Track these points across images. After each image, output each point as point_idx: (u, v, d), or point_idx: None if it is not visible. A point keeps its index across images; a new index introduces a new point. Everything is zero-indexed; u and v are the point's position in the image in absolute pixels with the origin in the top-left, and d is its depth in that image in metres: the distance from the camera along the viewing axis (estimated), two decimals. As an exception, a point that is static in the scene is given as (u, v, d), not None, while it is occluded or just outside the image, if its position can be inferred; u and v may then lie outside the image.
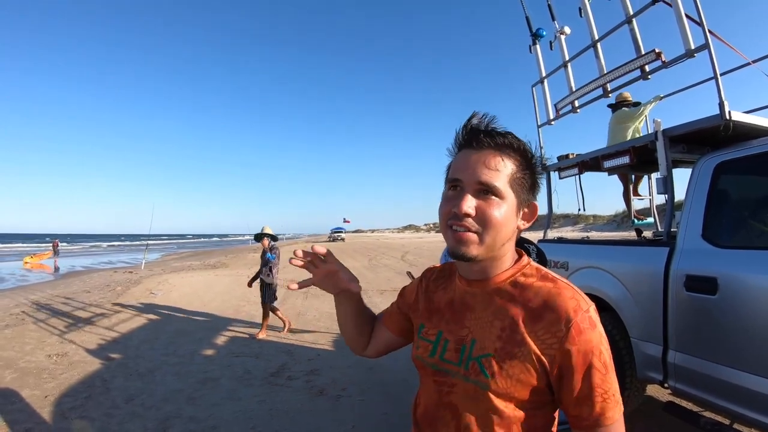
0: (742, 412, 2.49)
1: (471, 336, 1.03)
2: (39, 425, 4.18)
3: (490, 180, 0.96)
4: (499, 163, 0.98)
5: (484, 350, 0.99)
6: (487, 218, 0.96)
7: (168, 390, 5.04)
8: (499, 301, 1.02)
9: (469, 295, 1.08)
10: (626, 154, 3.84)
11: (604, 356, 0.93)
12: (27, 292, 13.23)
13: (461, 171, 0.99)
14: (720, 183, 2.96)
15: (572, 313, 0.93)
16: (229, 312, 9.83)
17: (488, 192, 0.97)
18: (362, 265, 21.19)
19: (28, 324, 8.56)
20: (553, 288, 0.99)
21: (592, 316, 0.95)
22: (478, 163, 0.98)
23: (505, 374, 0.95)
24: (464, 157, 1.01)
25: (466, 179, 0.98)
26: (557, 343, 0.93)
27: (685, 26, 3.45)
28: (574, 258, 4.04)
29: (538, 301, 0.98)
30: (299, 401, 4.63)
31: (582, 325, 0.93)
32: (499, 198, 0.97)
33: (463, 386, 1.01)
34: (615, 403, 0.93)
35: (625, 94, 6.23)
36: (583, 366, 0.92)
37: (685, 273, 2.86)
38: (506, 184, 0.98)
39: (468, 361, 1.00)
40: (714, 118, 3.04)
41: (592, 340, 0.92)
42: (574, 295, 0.97)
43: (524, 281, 1.03)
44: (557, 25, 5.38)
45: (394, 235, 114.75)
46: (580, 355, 0.92)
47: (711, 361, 2.67)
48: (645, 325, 3.16)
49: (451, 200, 1.00)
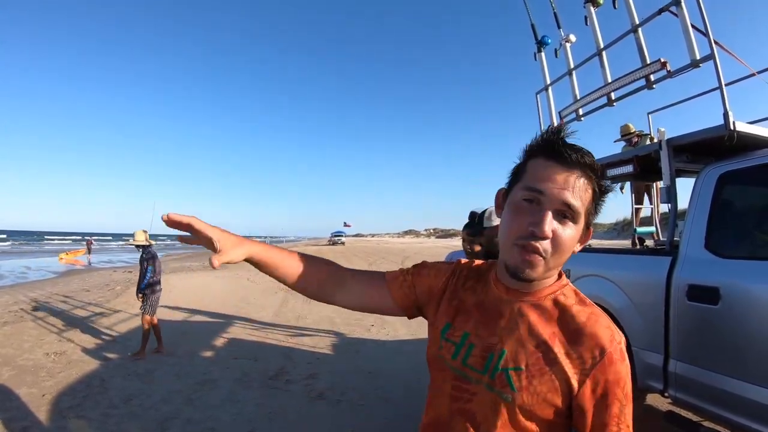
0: (742, 423, 2.48)
1: (501, 345, 0.99)
2: (36, 424, 4.18)
3: (574, 203, 0.92)
4: (584, 185, 0.94)
5: (516, 363, 0.96)
6: (560, 243, 0.93)
7: (166, 391, 5.03)
8: (536, 316, 1.00)
9: (504, 303, 1.04)
10: (630, 163, 3.83)
11: (627, 389, 0.93)
12: (26, 290, 13.24)
13: (545, 183, 0.93)
14: (723, 193, 2.95)
15: (608, 343, 0.93)
16: (228, 313, 9.83)
17: (567, 215, 0.93)
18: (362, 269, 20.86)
19: (27, 321, 8.57)
20: (591, 315, 0.97)
21: (623, 348, 0.95)
22: (567, 182, 0.92)
23: (532, 390, 0.93)
24: (550, 169, 0.94)
25: (552, 196, 0.92)
26: (589, 369, 0.92)
27: (690, 36, 3.46)
28: (575, 266, 4.03)
29: (576, 325, 0.96)
30: (298, 405, 4.62)
31: (615, 356, 0.92)
32: (575, 223, 0.94)
33: (485, 395, 0.98)
34: None
35: (629, 126, 6.31)
36: (608, 396, 0.91)
37: (687, 282, 2.85)
38: (583, 208, 0.94)
39: (495, 371, 0.97)
40: (718, 128, 3.03)
41: (621, 372, 0.92)
42: (609, 325, 0.96)
43: (564, 301, 1.00)
44: (562, 32, 5.39)
45: (394, 239, 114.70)
46: (608, 384, 0.91)
47: (712, 370, 2.66)
48: (646, 334, 3.15)
49: (527, 215, 0.94)
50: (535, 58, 5.59)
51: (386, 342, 7.36)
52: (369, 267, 22.51)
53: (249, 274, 18.27)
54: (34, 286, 14.65)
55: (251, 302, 11.23)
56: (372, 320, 9.01)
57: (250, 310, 10.13)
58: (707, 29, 3.20)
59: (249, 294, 12.63)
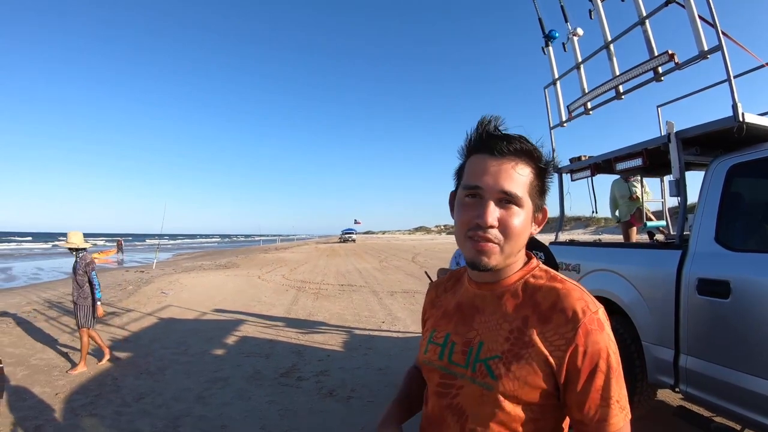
0: (754, 418, 2.46)
1: (479, 338, 1.02)
2: (49, 422, 4.23)
3: (512, 189, 0.95)
4: (520, 171, 0.97)
5: (492, 352, 0.98)
6: (509, 229, 0.95)
7: (178, 389, 5.07)
8: (508, 304, 1.02)
9: (478, 298, 1.08)
10: (639, 156, 3.81)
11: (612, 359, 0.92)
12: (39, 290, 13.39)
13: (481, 177, 0.97)
14: (733, 186, 2.93)
15: (581, 314, 0.93)
16: (240, 311, 9.88)
17: (510, 201, 0.96)
18: (373, 266, 21.23)
19: (40, 322, 8.66)
20: (562, 289, 0.98)
21: (601, 318, 0.94)
22: (500, 171, 0.96)
23: (513, 376, 0.94)
24: (482, 163, 0.98)
25: (488, 187, 0.96)
26: (565, 344, 0.92)
27: (698, 27, 3.42)
28: (585, 261, 4.02)
29: (547, 303, 0.97)
30: (309, 402, 4.63)
31: (590, 327, 0.92)
32: (519, 207, 0.97)
33: (470, 388, 0.99)
34: (620, 409, 0.92)
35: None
36: (588, 368, 0.91)
37: (697, 276, 2.83)
38: (525, 192, 0.97)
39: (475, 363, 1.00)
40: (727, 120, 3.00)
41: (600, 342, 0.92)
42: (582, 296, 0.97)
43: (534, 282, 1.03)
44: (570, 26, 5.35)
45: (404, 236, 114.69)
46: (587, 357, 0.91)
47: (723, 365, 2.64)
48: (656, 328, 3.14)
49: (471, 209, 0.98)
50: (543, 53, 5.56)
51: (397, 339, 7.36)
52: (380, 264, 22.57)
53: (260, 272, 18.36)
54: (47, 286, 14.80)
55: (262, 300, 11.27)
56: (382, 317, 9.03)
57: (262, 308, 10.16)
58: (715, 20, 3.17)
59: (260, 292, 12.67)
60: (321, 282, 15.39)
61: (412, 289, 12.99)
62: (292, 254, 32.77)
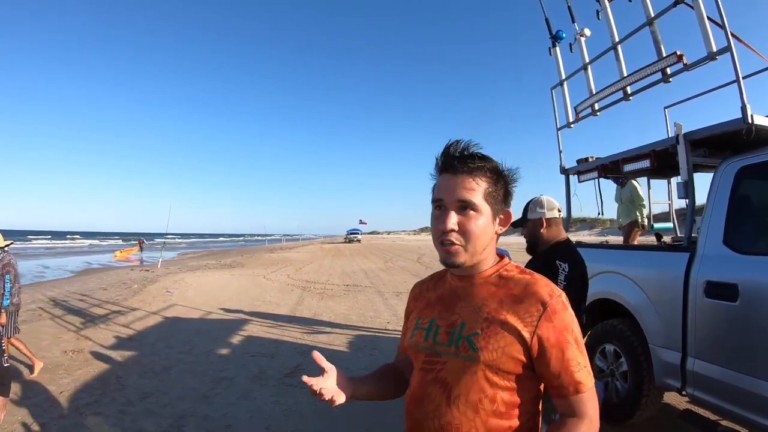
0: (761, 422, 2.45)
1: (461, 320, 1.19)
2: (54, 420, 4.24)
3: (467, 197, 1.14)
4: (474, 183, 1.16)
5: (473, 329, 1.15)
6: (468, 231, 1.14)
7: (183, 388, 5.08)
8: (485, 291, 1.20)
9: (459, 289, 1.26)
10: (647, 157, 3.79)
11: (575, 333, 1.13)
12: (44, 289, 13.41)
13: (443, 192, 1.18)
14: (742, 188, 2.91)
15: (548, 297, 1.12)
16: (245, 311, 9.89)
17: (467, 208, 1.15)
18: (378, 267, 21.27)
19: (45, 320, 8.69)
20: (531, 279, 1.19)
21: (564, 300, 1.14)
22: (456, 186, 1.16)
23: (492, 348, 1.10)
24: (444, 181, 1.19)
25: (448, 199, 1.16)
26: (536, 320, 1.10)
27: (706, 28, 3.40)
28: (592, 263, 3.98)
29: (518, 289, 1.17)
30: (313, 402, 4.61)
31: (557, 307, 1.11)
32: (476, 212, 1.15)
33: (454, 362, 1.15)
34: (588, 373, 1.12)
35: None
36: (558, 341, 1.09)
37: (705, 279, 2.81)
38: (482, 199, 1.16)
39: (458, 341, 1.16)
40: (736, 121, 2.99)
41: (565, 319, 1.11)
42: (548, 284, 1.17)
43: (507, 274, 1.22)
44: (577, 27, 5.34)
45: (410, 237, 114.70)
46: (556, 331, 1.10)
47: (731, 369, 2.63)
48: (664, 331, 3.12)
49: (437, 219, 1.18)
50: (549, 53, 5.54)
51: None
52: (385, 264, 22.56)
53: (265, 272, 18.39)
54: (52, 284, 14.83)
55: (267, 300, 11.28)
56: (388, 317, 9.03)
57: (267, 308, 10.18)
58: (723, 21, 3.15)
59: (265, 292, 12.68)
60: (326, 282, 15.40)
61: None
62: (297, 254, 32.82)
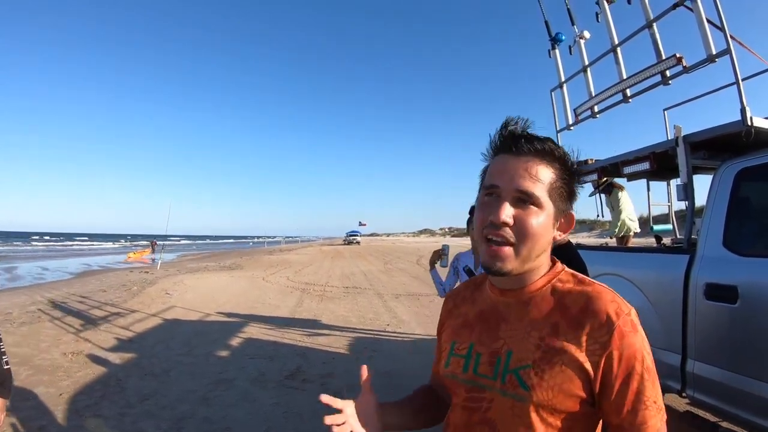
0: (761, 424, 2.45)
1: (507, 347, 0.98)
2: (53, 423, 4.23)
3: (529, 188, 0.93)
4: (540, 170, 0.95)
5: (522, 362, 0.94)
6: (525, 228, 0.93)
7: (182, 390, 5.07)
8: (535, 310, 0.98)
9: (502, 305, 1.04)
10: (647, 160, 3.79)
11: (647, 361, 0.90)
12: (44, 290, 13.38)
13: (499, 177, 0.96)
14: (741, 190, 2.91)
15: (614, 317, 0.90)
16: (244, 313, 9.86)
17: (527, 201, 0.94)
18: (377, 269, 21.23)
19: (44, 322, 8.64)
20: (592, 292, 0.95)
21: (634, 319, 0.92)
22: (518, 170, 0.94)
23: (546, 385, 0.90)
24: (502, 163, 0.97)
25: (505, 186, 0.94)
26: (600, 348, 0.89)
27: (706, 31, 3.41)
28: (592, 265, 3.99)
29: (577, 307, 0.94)
30: (314, 404, 4.62)
31: (625, 329, 0.89)
32: (538, 207, 0.94)
33: (501, 401, 0.95)
34: (657, 410, 0.89)
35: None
36: (625, 372, 0.89)
37: (705, 281, 2.82)
38: (545, 192, 0.95)
39: (504, 374, 0.96)
40: (735, 123, 2.99)
41: (635, 344, 0.89)
42: (614, 298, 0.94)
43: (561, 287, 0.99)
44: (576, 29, 5.35)
45: (409, 239, 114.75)
46: (623, 360, 0.89)
47: (731, 370, 2.63)
48: (664, 333, 3.12)
49: (487, 207, 0.96)
50: (549, 56, 5.55)
51: (402, 341, 7.34)
52: (385, 266, 22.54)
53: (265, 274, 18.37)
54: (52, 286, 14.81)
55: (267, 302, 11.27)
56: (387, 319, 9.00)
57: (266, 310, 10.16)
58: (723, 23, 3.16)
59: (265, 294, 12.67)
60: (325, 284, 15.38)
61: (417, 291, 13.00)
62: (296, 256, 32.80)
